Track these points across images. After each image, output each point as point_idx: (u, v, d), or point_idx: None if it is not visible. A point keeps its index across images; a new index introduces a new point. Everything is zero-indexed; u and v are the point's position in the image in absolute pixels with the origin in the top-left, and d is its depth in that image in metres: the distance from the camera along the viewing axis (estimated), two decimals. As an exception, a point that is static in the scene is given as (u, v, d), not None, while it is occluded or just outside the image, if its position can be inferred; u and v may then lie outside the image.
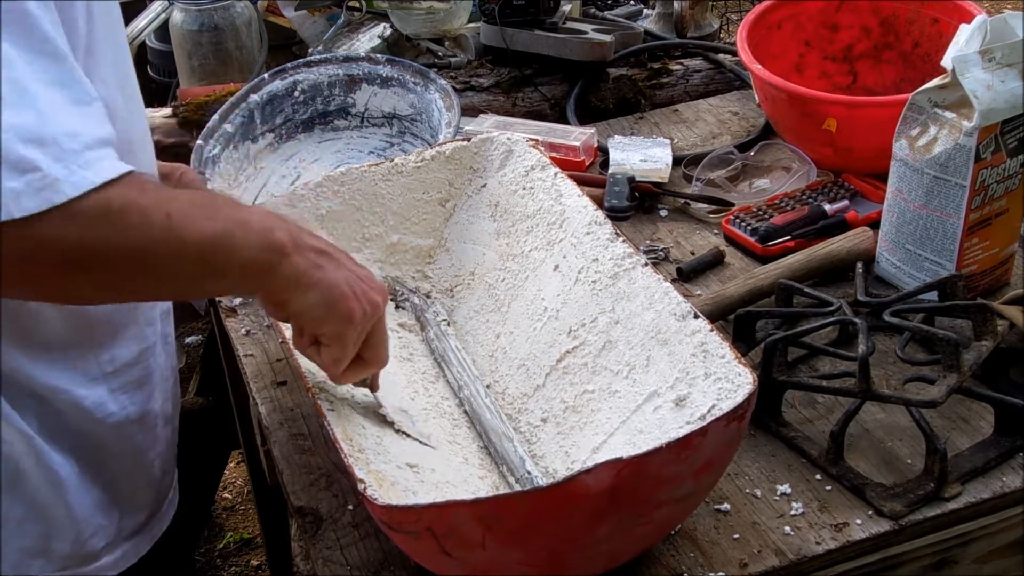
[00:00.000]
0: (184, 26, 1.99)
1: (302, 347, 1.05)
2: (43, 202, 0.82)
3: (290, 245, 0.96)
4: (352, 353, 1.03)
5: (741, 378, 1.01)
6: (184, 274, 0.93)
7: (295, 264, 0.96)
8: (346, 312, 0.99)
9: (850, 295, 1.33)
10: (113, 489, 1.17)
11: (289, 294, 0.98)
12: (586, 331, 1.20)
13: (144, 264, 0.89)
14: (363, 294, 1.01)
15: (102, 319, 1.11)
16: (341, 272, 1.00)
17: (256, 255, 0.94)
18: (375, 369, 1.09)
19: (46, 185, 0.82)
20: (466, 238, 1.38)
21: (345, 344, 1.02)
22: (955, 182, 1.31)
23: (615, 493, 0.91)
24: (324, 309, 0.99)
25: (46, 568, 1.13)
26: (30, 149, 0.82)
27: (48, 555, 1.13)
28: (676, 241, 1.56)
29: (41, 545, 1.12)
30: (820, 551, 1.08)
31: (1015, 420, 1.18)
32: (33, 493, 1.10)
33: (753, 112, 1.88)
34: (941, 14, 1.73)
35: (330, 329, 1.01)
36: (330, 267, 0.99)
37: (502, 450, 1.14)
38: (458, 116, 1.61)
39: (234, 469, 2.76)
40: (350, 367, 1.05)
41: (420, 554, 1.00)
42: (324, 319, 1.00)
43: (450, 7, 2.01)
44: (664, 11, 2.20)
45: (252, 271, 0.95)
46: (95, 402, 1.12)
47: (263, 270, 0.95)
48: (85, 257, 0.86)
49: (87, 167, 0.84)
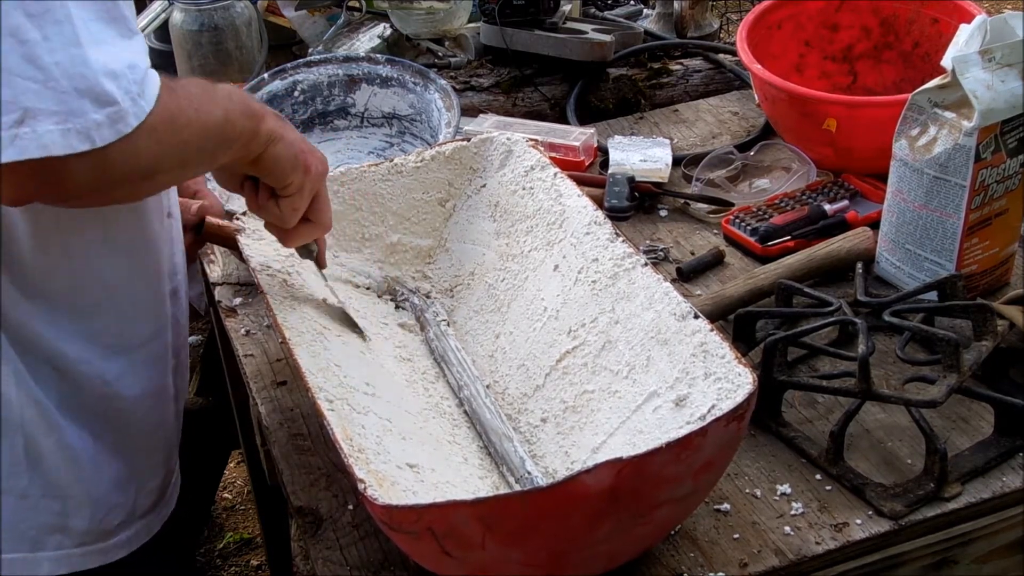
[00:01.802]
0: (184, 26, 1.99)
1: (262, 202, 1.16)
2: (115, 133, 0.91)
3: (260, 110, 1.10)
4: (305, 205, 1.16)
5: (741, 378, 1.01)
6: (208, 152, 1.05)
7: (268, 124, 1.09)
8: (304, 164, 1.13)
9: (850, 295, 1.33)
10: (131, 465, 1.21)
11: (262, 149, 1.10)
12: (586, 331, 1.20)
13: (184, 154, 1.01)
14: (312, 152, 1.15)
15: (123, 291, 1.16)
16: (295, 134, 1.14)
17: (246, 123, 1.07)
18: (321, 232, 1.21)
19: (119, 117, 0.91)
20: (466, 238, 1.38)
21: (302, 194, 1.14)
22: (955, 182, 1.31)
23: (615, 493, 0.91)
24: (288, 161, 1.12)
25: (64, 544, 1.16)
26: (109, 82, 0.90)
27: (66, 531, 1.16)
28: (676, 241, 1.56)
29: (59, 522, 1.15)
30: (820, 551, 1.08)
31: (1015, 420, 1.18)
32: (52, 470, 1.14)
33: (753, 112, 1.88)
34: (941, 14, 1.73)
35: (291, 179, 1.13)
36: (288, 128, 1.13)
37: (502, 450, 1.14)
38: (458, 116, 1.61)
39: (234, 469, 2.76)
40: (299, 228, 1.18)
41: (420, 554, 1.00)
42: (287, 169, 1.12)
43: (450, 7, 2.01)
44: (664, 11, 2.19)
45: (244, 138, 1.07)
46: (116, 374, 1.17)
47: (250, 134, 1.08)
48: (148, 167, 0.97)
49: (142, 96, 0.93)
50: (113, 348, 1.16)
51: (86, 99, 0.89)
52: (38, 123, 0.88)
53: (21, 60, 0.88)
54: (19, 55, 0.88)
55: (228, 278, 1.53)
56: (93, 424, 1.16)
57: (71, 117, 0.89)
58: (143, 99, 0.93)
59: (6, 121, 0.87)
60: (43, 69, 0.88)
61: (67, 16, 0.89)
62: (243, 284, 1.52)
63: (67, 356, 1.12)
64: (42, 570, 1.16)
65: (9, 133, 0.87)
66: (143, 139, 0.93)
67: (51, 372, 1.12)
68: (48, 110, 0.88)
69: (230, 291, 1.51)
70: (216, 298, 1.51)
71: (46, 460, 1.13)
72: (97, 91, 0.90)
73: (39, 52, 0.88)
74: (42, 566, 1.15)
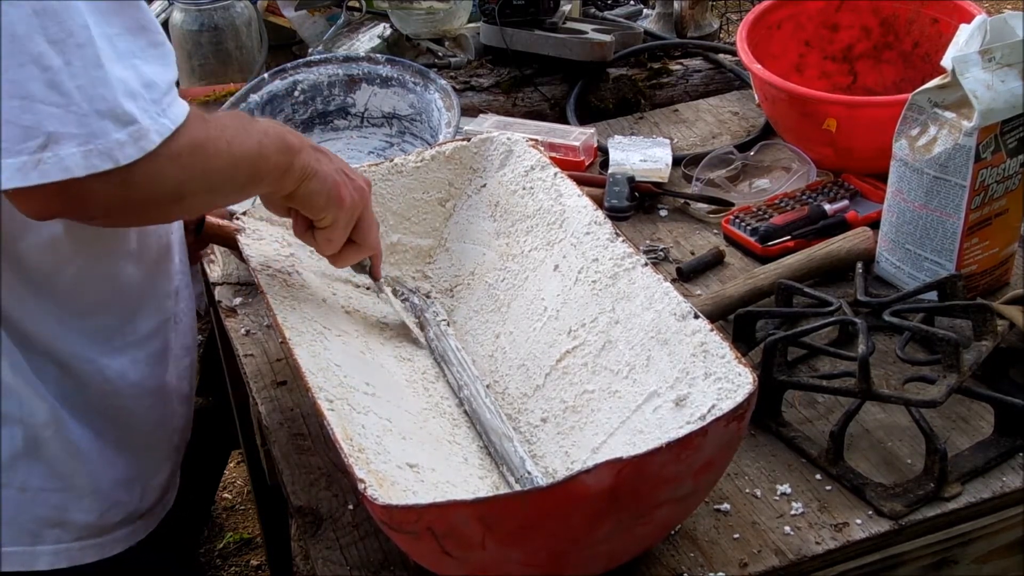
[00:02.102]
0: (184, 26, 1.99)
1: (300, 232, 1.19)
2: (139, 151, 0.93)
3: (297, 145, 1.11)
4: (344, 235, 1.18)
5: (741, 378, 1.01)
6: (239, 183, 1.07)
7: (303, 160, 1.11)
8: (338, 197, 1.14)
9: (850, 295, 1.33)
10: (135, 463, 1.22)
11: (296, 185, 1.12)
12: (586, 331, 1.20)
13: (212, 183, 1.03)
14: (351, 183, 1.17)
15: (130, 289, 1.18)
16: (333, 164, 1.16)
17: (280, 158, 1.09)
18: (366, 253, 1.24)
19: (141, 135, 0.93)
20: (466, 238, 1.38)
21: (337, 226, 1.16)
22: (955, 182, 1.31)
23: (615, 493, 0.91)
24: (322, 196, 1.13)
25: (63, 538, 1.17)
26: (129, 102, 0.92)
27: (65, 525, 1.17)
28: (676, 241, 1.56)
29: (58, 515, 1.16)
30: (820, 551, 1.08)
31: (1015, 420, 1.18)
32: (53, 462, 1.14)
33: (753, 112, 1.88)
34: (941, 14, 1.73)
35: (326, 213, 1.15)
36: (324, 160, 1.15)
37: (502, 450, 1.14)
38: (458, 116, 1.61)
39: (234, 469, 2.76)
40: (345, 250, 1.20)
41: (420, 554, 1.00)
42: (322, 204, 1.14)
43: (450, 7, 2.01)
44: (664, 11, 2.20)
45: (277, 172, 1.09)
46: (118, 371, 1.18)
47: (283, 169, 1.10)
48: (174, 191, 0.99)
49: (163, 114, 0.95)
50: (114, 345, 1.17)
51: (107, 120, 0.91)
52: (60, 147, 0.90)
53: (44, 87, 0.90)
54: (42, 82, 0.90)
55: (228, 278, 1.53)
56: (96, 420, 1.17)
57: (92, 139, 0.91)
58: (165, 117, 0.95)
59: (30, 147, 0.90)
60: (65, 95, 0.90)
61: (89, 39, 0.91)
62: (243, 284, 1.52)
63: (68, 352, 1.13)
64: (41, 564, 1.16)
65: (33, 158, 0.90)
66: (167, 163, 0.95)
67: (53, 367, 1.13)
68: (70, 133, 0.90)
69: (230, 291, 1.51)
70: (216, 298, 1.51)
71: (47, 452, 1.13)
72: (118, 112, 0.92)
73: (62, 78, 0.90)
74: (41, 560, 1.16)
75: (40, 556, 1.16)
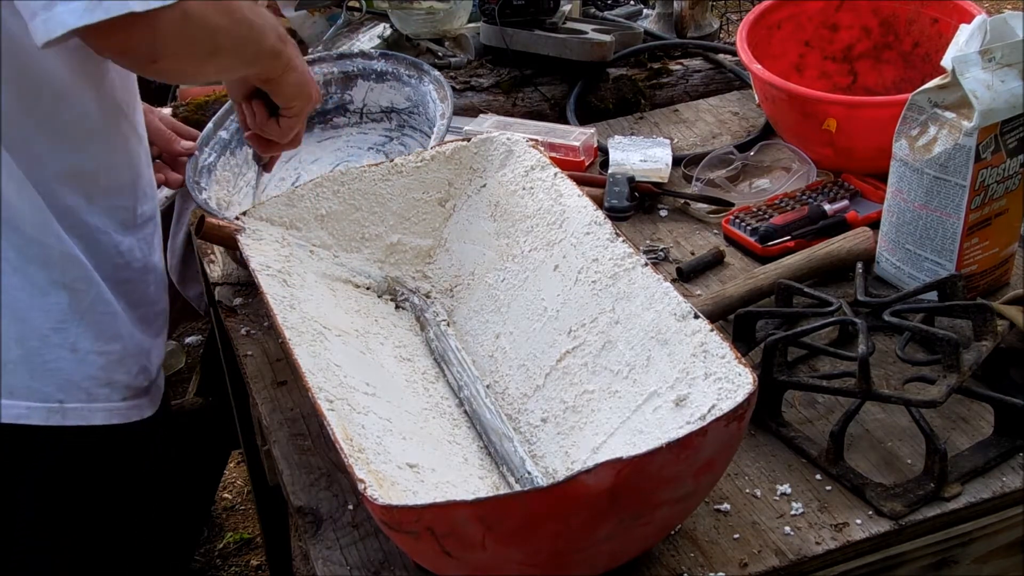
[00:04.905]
0: (184, 26, 1.99)
1: (262, 121, 1.31)
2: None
3: (285, 37, 1.23)
4: (303, 125, 1.33)
5: (741, 378, 1.01)
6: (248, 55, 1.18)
7: (289, 51, 1.24)
8: (308, 93, 1.29)
9: (850, 295, 1.33)
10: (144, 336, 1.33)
11: (279, 73, 1.24)
12: (586, 331, 1.20)
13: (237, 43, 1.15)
14: (314, 83, 1.30)
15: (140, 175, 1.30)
16: (305, 65, 1.29)
17: (276, 44, 1.20)
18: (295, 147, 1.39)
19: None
20: (466, 238, 1.38)
21: (301, 116, 1.31)
22: (955, 182, 1.32)
23: (615, 493, 0.91)
24: (298, 88, 1.27)
25: (112, 396, 1.28)
26: None
27: (112, 385, 1.28)
28: (676, 241, 1.56)
29: (105, 375, 1.27)
30: (820, 551, 1.08)
31: (1015, 420, 1.18)
32: (96, 323, 1.25)
33: (753, 112, 1.88)
34: (941, 14, 1.73)
35: (296, 104, 1.29)
36: (300, 58, 1.27)
37: (502, 450, 1.14)
38: (451, 107, 1.60)
39: (234, 469, 2.76)
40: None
41: (420, 554, 1.00)
42: (296, 95, 1.28)
43: (450, 7, 2.01)
44: (664, 11, 2.20)
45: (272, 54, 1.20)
46: (128, 247, 1.30)
47: (276, 53, 1.21)
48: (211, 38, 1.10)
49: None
50: (125, 224, 1.29)
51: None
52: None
53: None
54: None
55: (228, 278, 1.54)
56: (117, 286, 1.28)
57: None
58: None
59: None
60: None
61: None
62: (243, 284, 1.52)
63: (93, 226, 1.24)
64: (96, 419, 1.27)
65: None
66: (212, 9, 1.07)
67: (80, 240, 1.23)
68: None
69: (230, 291, 1.51)
70: (216, 298, 1.51)
71: (90, 315, 1.24)
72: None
73: None
74: (96, 415, 1.27)
75: (96, 412, 1.27)
